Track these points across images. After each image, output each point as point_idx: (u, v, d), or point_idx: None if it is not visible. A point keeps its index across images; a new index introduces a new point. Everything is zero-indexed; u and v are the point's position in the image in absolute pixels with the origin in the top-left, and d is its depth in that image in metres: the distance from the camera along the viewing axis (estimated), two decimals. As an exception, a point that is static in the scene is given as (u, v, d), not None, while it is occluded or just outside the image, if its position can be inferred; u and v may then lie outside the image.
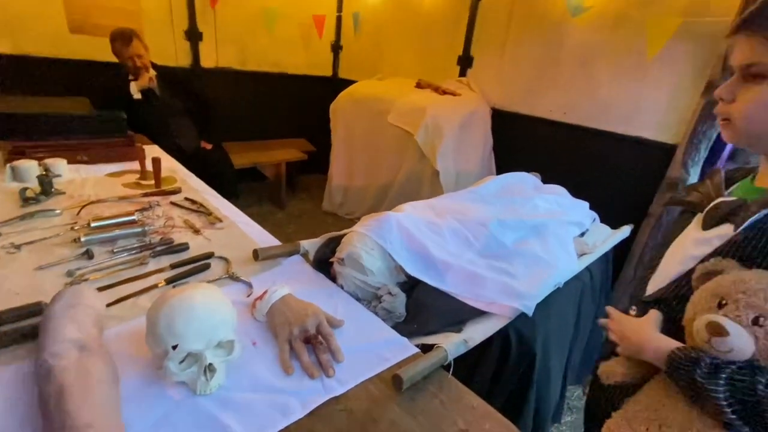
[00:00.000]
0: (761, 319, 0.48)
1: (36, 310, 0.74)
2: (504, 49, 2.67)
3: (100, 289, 0.85)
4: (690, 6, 1.86)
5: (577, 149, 2.40)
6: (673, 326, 0.58)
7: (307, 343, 0.76)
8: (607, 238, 1.64)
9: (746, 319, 0.48)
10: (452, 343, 0.80)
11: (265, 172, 3.30)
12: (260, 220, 1.27)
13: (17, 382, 0.62)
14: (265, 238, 1.16)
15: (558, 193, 1.80)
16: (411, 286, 1.02)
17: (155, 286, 0.88)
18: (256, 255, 0.99)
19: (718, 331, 0.49)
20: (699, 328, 0.51)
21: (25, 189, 1.20)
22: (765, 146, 0.57)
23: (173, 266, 0.96)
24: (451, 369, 0.77)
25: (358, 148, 3.04)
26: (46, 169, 1.31)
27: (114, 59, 2.31)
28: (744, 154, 1.83)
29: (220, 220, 1.22)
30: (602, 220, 1.80)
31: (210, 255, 1.02)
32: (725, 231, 0.56)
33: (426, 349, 0.81)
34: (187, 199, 1.35)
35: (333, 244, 1.05)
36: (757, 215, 0.52)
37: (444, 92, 2.75)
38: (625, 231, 1.74)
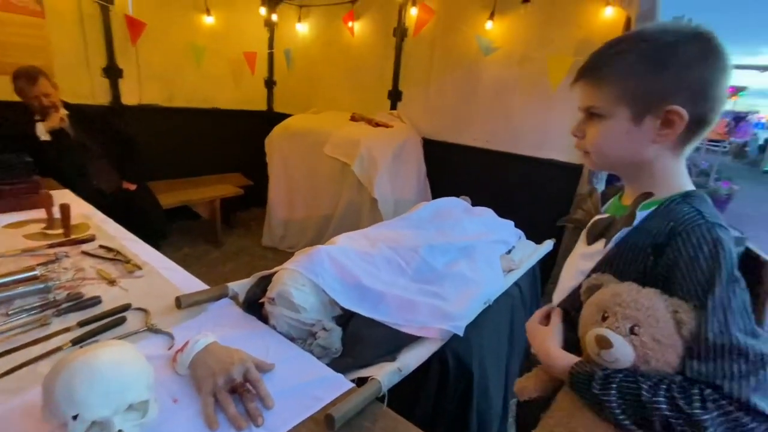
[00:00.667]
0: (636, 328, 0.52)
1: None
2: (429, 84, 2.86)
3: (-11, 359, 0.75)
4: (579, 47, 2.16)
5: (500, 173, 2.60)
6: (575, 335, 0.63)
7: (234, 393, 0.72)
8: (532, 253, 1.77)
9: (625, 330, 0.53)
10: (386, 374, 0.81)
11: (198, 210, 3.14)
12: (194, 261, 1.21)
13: None
14: (191, 284, 1.10)
15: (485, 214, 1.92)
16: (347, 319, 1.02)
17: (59, 349, 0.80)
18: (179, 303, 0.94)
19: (604, 343, 0.53)
20: (589, 341, 0.56)
21: None
22: (619, 170, 0.66)
23: (81, 324, 0.87)
24: (386, 400, 0.77)
25: (296, 180, 3.02)
26: (-75, 225, 1.15)
27: (15, 98, 2.12)
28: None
29: (140, 268, 1.14)
30: (527, 237, 1.95)
31: (126, 307, 0.95)
32: (601, 246, 0.64)
33: (362, 382, 0.81)
34: (102, 247, 1.25)
35: (264, 283, 1.03)
36: (620, 232, 0.60)
37: (377, 124, 2.86)
38: (548, 245, 1.89)
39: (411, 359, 0.89)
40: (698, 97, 0.56)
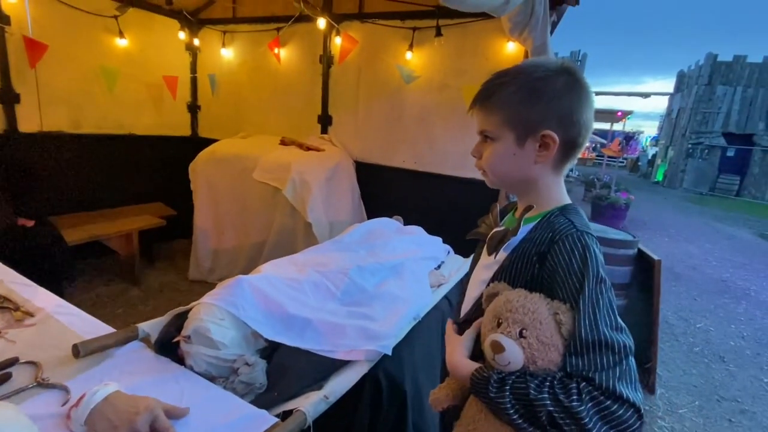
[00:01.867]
0: (524, 331, 0.57)
1: None
2: (357, 109, 2.95)
3: None
4: (487, 77, 2.37)
5: (428, 192, 2.73)
6: (480, 344, 0.67)
7: (141, 446, 0.66)
8: (460, 267, 1.86)
9: (515, 333, 0.57)
10: (311, 403, 0.79)
11: (111, 245, 2.86)
12: (109, 302, 1.10)
13: None
14: (96, 329, 0.99)
15: (415, 233, 2.00)
16: (271, 350, 0.98)
17: None
18: (77, 351, 0.84)
19: (497, 348, 0.57)
20: (486, 347, 0.60)
21: None
22: (511, 187, 0.75)
23: (-50, 388, 0.75)
24: (311, 431, 0.75)
25: (224, 207, 2.89)
26: None
27: None
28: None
29: (31, 315, 1.01)
30: (456, 252, 2.05)
31: (12, 362, 0.83)
32: (500, 257, 0.70)
33: (288, 415, 0.78)
34: (-18, 295, 1.08)
35: (179, 321, 0.96)
36: (510, 242, 0.67)
37: (308, 148, 2.86)
38: (474, 259, 1.99)
39: (339, 385, 0.88)
40: (567, 123, 0.64)
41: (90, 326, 1.00)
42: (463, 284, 0.84)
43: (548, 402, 0.52)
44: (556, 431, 0.53)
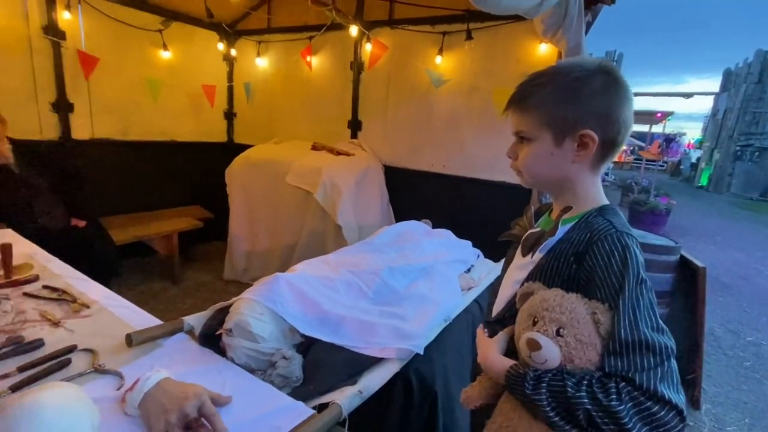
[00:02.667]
0: (561, 330, 0.57)
1: None
2: (387, 114, 2.99)
3: None
4: (520, 79, 2.34)
5: (457, 196, 2.72)
6: (513, 344, 0.68)
7: (189, 430, 0.70)
8: (490, 271, 1.84)
9: (552, 332, 0.57)
10: (346, 397, 0.81)
11: (154, 245, 3.02)
12: (151, 299, 1.16)
13: None
14: (145, 320, 1.06)
15: (445, 235, 2.00)
16: (307, 346, 1.02)
17: (-6, 398, 0.74)
18: (130, 340, 0.91)
19: (533, 345, 0.57)
20: (521, 345, 0.61)
21: None
22: (547, 187, 0.75)
23: (21, 369, 0.82)
24: (347, 424, 0.77)
25: (258, 210, 2.99)
26: None
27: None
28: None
29: (87, 307, 1.09)
30: (486, 256, 2.03)
31: (71, 349, 0.90)
32: (535, 257, 0.70)
33: (323, 408, 0.81)
34: (45, 287, 1.18)
35: (221, 315, 1.01)
36: (547, 242, 0.67)
37: (338, 153, 2.92)
38: (505, 263, 1.97)
39: (372, 381, 0.90)
40: (605, 122, 0.64)
41: (139, 318, 1.07)
42: (495, 285, 0.84)
43: (586, 400, 0.52)
44: (594, 430, 0.53)
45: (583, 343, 0.56)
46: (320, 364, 0.94)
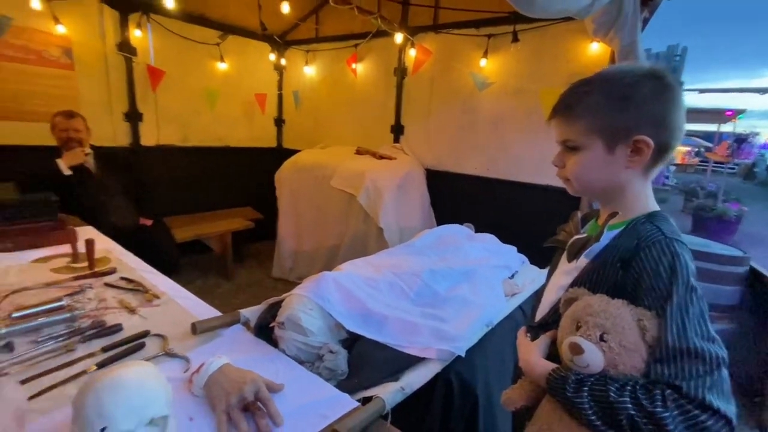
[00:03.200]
0: (605, 336, 0.57)
1: (-56, 413, 0.69)
2: (429, 118, 3.01)
3: (23, 381, 0.81)
4: (569, 80, 2.25)
5: (501, 200, 2.67)
6: (555, 348, 0.68)
7: (246, 411, 0.77)
8: (536, 277, 1.80)
9: (595, 337, 0.57)
10: (389, 393, 0.84)
11: (210, 243, 3.24)
12: (206, 294, 1.27)
13: None
14: (206, 311, 1.16)
15: (488, 240, 1.98)
16: (352, 342, 1.06)
17: (84, 373, 0.85)
18: (194, 329, 1.00)
19: (576, 350, 0.58)
20: (564, 349, 0.61)
21: (-64, 285, 1.13)
22: (595, 195, 0.74)
23: (105, 349, 0.94)
24: (389, 418, 0.80)
25: (304, 212, 3.12)
26: (-37, 262, 1.25)
27: (47, 142, 2.30)
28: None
29: (158, 297, 1.21)
30: (531, 262, 1.98)
31: (145, 334, 1.01)
32: (580, 263, 0.69)
33: (367, 401, 0.85)
34: (122, 278, 1.33)
35: (274, 309, 1.09)
36: (592, 248, 0.66)
37: (381, 157, 2.98)
38: (551, 270, 1.91)
39: (414, 379, 0.93)
40: (659, 127, 0.63)
41: (201, 309, 1.17)
42: (540, 290, 0.84)
43: (629, 405, 0.52)
44: None
45: (628, 349, 0.56)
46: (364, 360, 0.98)
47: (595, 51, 2.23)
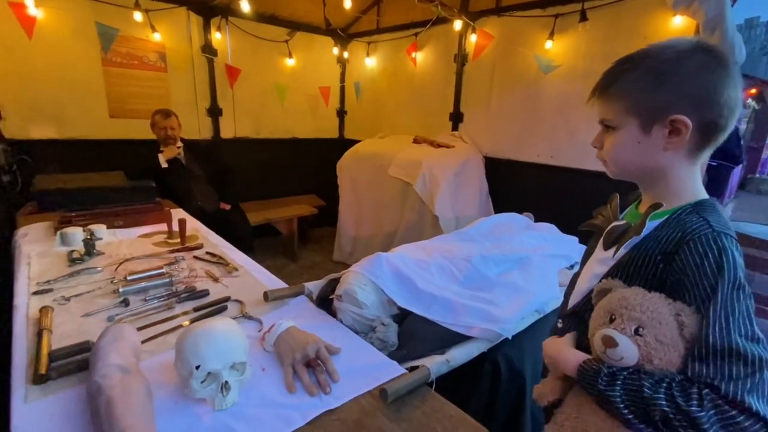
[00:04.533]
0: (641, 329, 0.56)
1: (85, 347, 0.90)
2: (490, 104, 2.95)
3: (139, 329, 1.01)
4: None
5: (565, 189, 2.56)
6: (586, 338, 0.66)
7: (308, 367, 0.88)
8: (596, 269, 1.73)
9: (630, 330, 0.56)
10: (435, 363, 0.91)
11: (279, 227, 3.52)
12: (275, 273, 1.42)
13: (74, 402, 0.76)
14: (276, 283, 1.31)
15: (547, 229, 1.93)
16: (402, 317, 1.14)
17: (180, 326, 1.03)
18: (266, 296, 1.14)
19: (609, 342, 0.57)
20: (596, 341, 0.59)
21: (72, 251, 1.41)
22: (635, 177, 0.70)
23: (196, 309, 1.12)
24: (434, 385, 0.87)
25: (364, 200, 3.26)
26: (90, 234, 1.53)
27: (145, 137, 2.66)
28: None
29: (237, 270, 1.39)
30: (593, 253, 1.90)
31: (227, 299, 1.18)
32: (618, 253, 0.66)
33: (414, 369, 0.92)
34: (208, 253, 1.53)
35: (334, 284, 1.20)
36: (631, 240, 0.64)
37: (439, 145, 3.00)
38: (614, 262, 1.82)
39: (459, 354, 0.98)
40: (703, 105, 0.59)
41: (272, 282, 1.33)
42: (574, 276, 0.83)
43: (664, 402, 0.51)
44: (670, 431, 0.52)
45: (664, 344, 0.55)
46: (413, 334, 1.06)
47: (678, 25, 2.03)
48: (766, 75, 8.87)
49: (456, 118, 3.18)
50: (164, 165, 2.59)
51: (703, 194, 0.65)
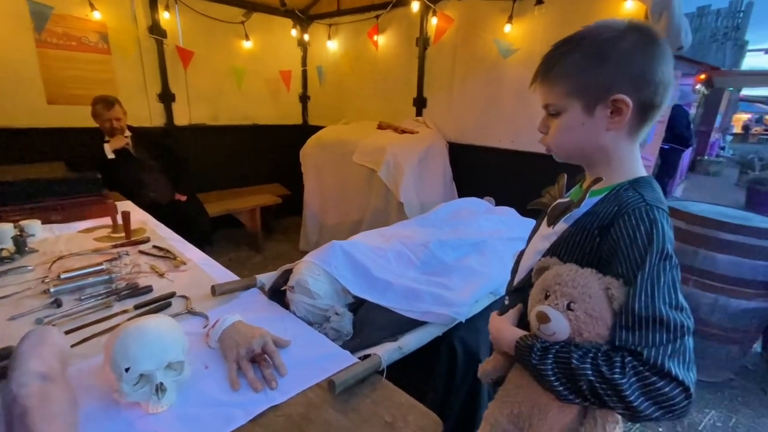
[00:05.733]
0: (572, 304, 0.57)
1: (5, 353, 0.82)
2: (452, 89, 2.94)
3: (68, 332, 0.93)
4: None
5: (525, 173, 2.60)
6: (526, 318, 0.67)
7: (254, 362, 0.85)
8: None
9: (562, 306, 0.58)
10: (387, 351, 0.90)
11: (241, 218, 3.41)
12: (238, 265, 1.36)
13: (-15, 415, 0.69)
14: (227, 277, 1.26)
15: (506, 213, 1.96)
16: (357, 306, 1.12)
17: (118, 326, 0.96)
18: (214, 291, 1.09)
19: (543, 318, 0.58)
20: (532, 317, 0.61)
21: (1, 250, 1.29)
22: (579, 159, 0.71)
23: (136, 307, 1.05)
24: (385, 373, 0.86)
25: (329, 188, 3.20)
26: (21, 231, 1.41)
27: (89, 125, 2.47)
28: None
29: (184, 264, 1.32)
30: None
31: (172, 295, 1.12)
32: (559, 228, 0.68)
33: (366, 358, 0.91)
34: (155, 247, 1.45)
35: (287, 275, 1.16)
36: (572, 214, 0.65)
37: (403, 131, 2.97)
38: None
39: (412, 340, 0.98)
40: (640, 84, 0.60)
41: (223, 275, 1.27)
42: (519, 253, 0.83)
43: (589, 372, 0.53)
44: (598, 401, 0.54)
45: (593, 318, 0.56)
46: (368, 322, 1.04)
47: (629, 10, 2.08)
48: (715, 61, 9.36)
49: (419, 103, 3.15)
50: (110, 156, 2.42)
51: (641, 172, 0.66)
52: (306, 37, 3.83)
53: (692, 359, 0.52)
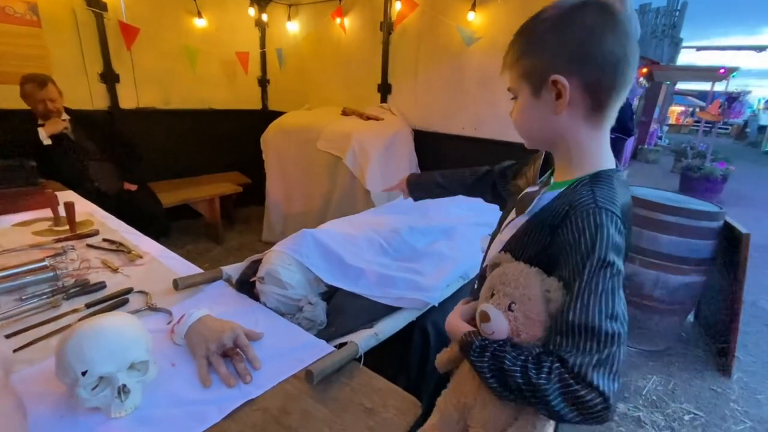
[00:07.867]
0: (513, 305, 0.57)
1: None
2: (417, 76, 2.93)
3: (9, 335, 0.84)
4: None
5: (489, 160, 2.65)
6: None
7: (226, 357, 0.81)
8: (516, 234, 1.84)
9: (504, 306, 0.58)
10: (363, 338, 0.89)
11: (198, 208, 3.23)
12: (196, 257, 1.29)
13: None
14: (189, 270, 1.18)
15: (472, 200, 1.99)
16: (330, 294, 1.10)
17: (68, 327, 0.88)
18: (176, 285, 1.03)
19: (484, 317, 0.59)
20: (476, 315, 0.61)
21: None
22: (541, 144, 0.68)
23: (88, 305, 0.96)
24: (362, 360, 0.85)
25: (292, 176, 3.11)
26: (-58, 225, 1.24)
27: (20, 106, 2.22)
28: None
29: (141, 257, 1.23)
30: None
31: (129, 290, 1.04)
32: (519, 221, 0.65)
33: (343, 346, 0.89)
34: (105, 240, 1.34)
35: (255, 266, 1.12)
36: (531, 207, 0.63)
37: (368, 118, 2.93)
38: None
39: (387, 326, 0.97)
40: (581, 62, 0.57)
41: (185, 268, 1.20)
42: (491, 236, 0.82)
43: (518, 374, 0.53)
44: (525, 402, 0.54)
45: (531, 320, 0.56)
46: (341, 310, 1.03)
47: None
48: (655, 56, 10.03)
49: (384, 89, 3.12)
50: (47, 142, 2.19)
51: (607, 163, 0.63)
52: (264, 17, 3.65)
53: (618, 370, 0.51)
